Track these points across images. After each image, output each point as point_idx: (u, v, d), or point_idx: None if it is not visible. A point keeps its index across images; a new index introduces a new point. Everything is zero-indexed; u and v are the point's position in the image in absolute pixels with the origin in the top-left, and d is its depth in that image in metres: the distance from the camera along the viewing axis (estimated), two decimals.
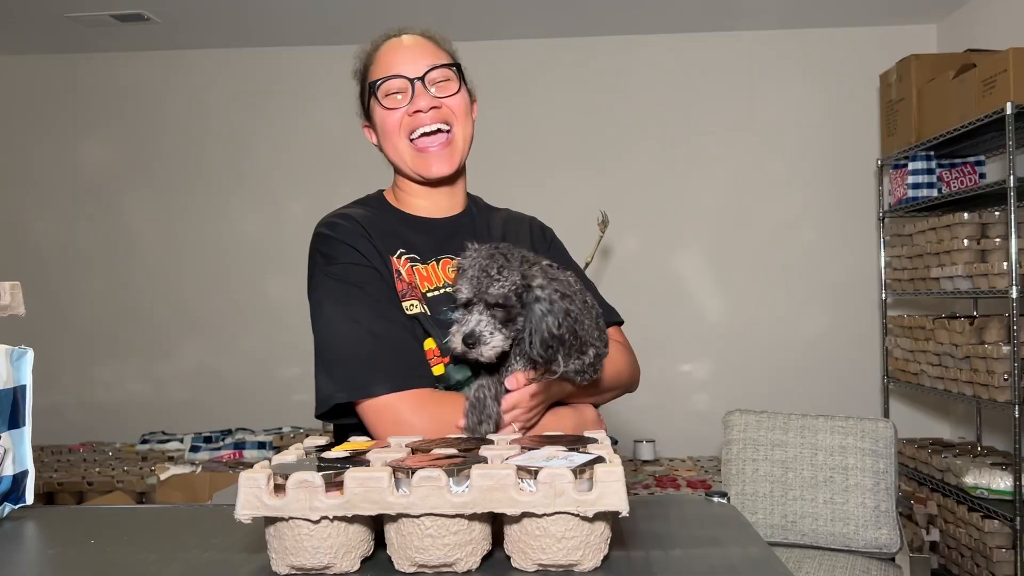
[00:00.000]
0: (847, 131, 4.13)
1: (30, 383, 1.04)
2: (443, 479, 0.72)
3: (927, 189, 3.43)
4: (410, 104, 1.21)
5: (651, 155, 4.23)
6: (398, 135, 1.23)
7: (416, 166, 1.24)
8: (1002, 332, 2.91)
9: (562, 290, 1.06)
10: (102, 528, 0.94)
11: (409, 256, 1.22)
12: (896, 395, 4.01)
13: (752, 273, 4.18)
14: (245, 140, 4.36)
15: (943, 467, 3.20)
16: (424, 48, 1.25)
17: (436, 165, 1.23)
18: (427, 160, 1.23)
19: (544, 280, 1.06)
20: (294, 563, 0.74)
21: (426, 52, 1.25)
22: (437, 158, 1.23)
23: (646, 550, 0.80)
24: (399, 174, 1.30)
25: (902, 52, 3.62)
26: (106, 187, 4.44)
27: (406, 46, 1.25)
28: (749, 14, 3.96)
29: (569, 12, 3.90)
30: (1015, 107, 2.77)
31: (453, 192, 1.31)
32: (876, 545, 2.36)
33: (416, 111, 1.21)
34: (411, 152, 1.23)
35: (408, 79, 1.22)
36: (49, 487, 3.58)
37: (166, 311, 4.39)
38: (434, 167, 1.23)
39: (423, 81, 1.22)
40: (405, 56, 1.24)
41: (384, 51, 1.26)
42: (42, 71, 4.44)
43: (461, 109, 1.25)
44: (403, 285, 1.19)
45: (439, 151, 1.23)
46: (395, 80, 1.22)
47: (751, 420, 2.57)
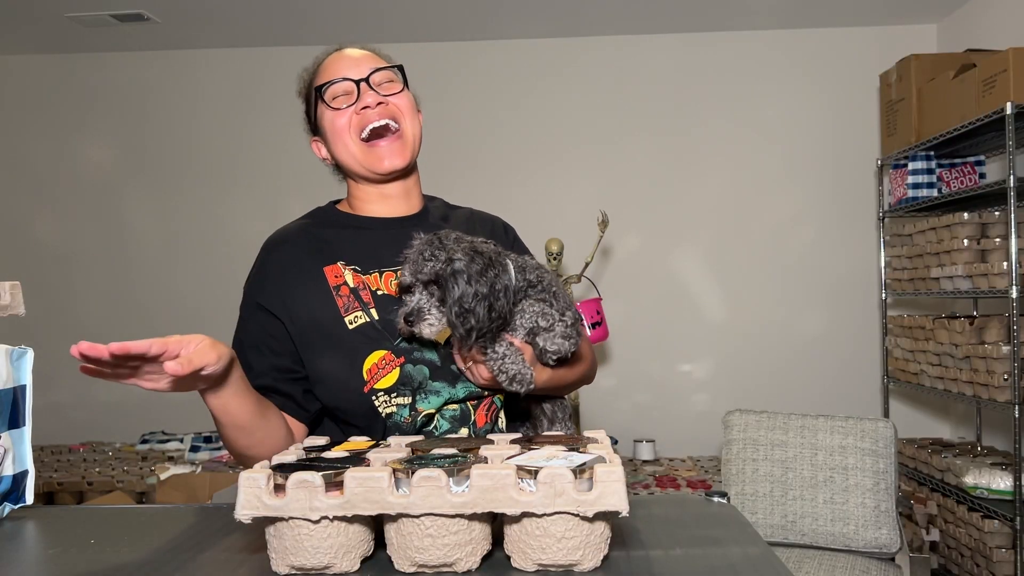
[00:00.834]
0: (847, 131, 4.13)
1: (30, 383, 1.04)
2: (443, 479, 0.72)
3: (927, 189, 3.43)
4: (357, 102, 1.24)
5: (651, 155, 4.23)
6: (348, 134, 1.25)
7: (367, 162, 1.26)
8: (1002, 332, 2.91)
9: (486, 263, 1.11)
10: (102, 528, 0.94)
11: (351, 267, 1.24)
12: (896, 395, 4.02)
13: (752, 273, 4.18)
14: (245, 140, 4.37)
15: (943, 467, 3.20)
16: (366, 57, 1.29)
17: (388, 159, 1.25)
18: (378, 154, 1.25)
19: (464, 255, 1.10)
20: (294, 563, 0.74)
21: (368, 59, 1.28)
22: (388, 151, 1.25)
23: (646, 550, 0.80)
24: (351, 178, 1.32)
25: (902, 52, 3.62)
26: (106, 187, 4.44)
27: (348, 55, 1.28)
28: (749, 14, 3.96)
29: (569, 12, 3.90)
30: (1015, 107, 2.76)
31: (408, 192, 1.33)
32: (876, 545, 2.36)
33: (364, 107, 1.24)
34: (362, 149, 1.25)
35: (353, 80, 1.24)
36: (49, 487, 3.58)
37: (166, 311, 4.39)
38: (386, 161, 1.25)
39: (367, 82, 1.24)
40: (349, 63, 1.27)
41: (327, 63, 1.29)
42: (42, 71, 4.44)
43: (408, 107, 1.27)
44: (343, 300, 1.21)
45: (390, 144, 1.25)
46: (341, 83, 1.25)
47: (751, 420, 2.57)
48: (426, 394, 1.18)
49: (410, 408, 1.17)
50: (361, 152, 1.25)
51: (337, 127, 1.25)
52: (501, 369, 1.12)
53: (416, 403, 1.18)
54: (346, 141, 1.25)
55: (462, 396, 1.20)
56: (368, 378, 1.17)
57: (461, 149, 4.19)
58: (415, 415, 1.17)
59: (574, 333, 1.18)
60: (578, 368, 1.30)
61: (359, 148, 1.25)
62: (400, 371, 1.18)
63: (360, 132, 1.24)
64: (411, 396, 1.17)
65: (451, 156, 4.13)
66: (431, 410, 1.18)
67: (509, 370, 1.12)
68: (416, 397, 1.18)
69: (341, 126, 1.24)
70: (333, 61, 1.28)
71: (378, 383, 1.17)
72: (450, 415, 1.20)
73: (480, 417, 1.23)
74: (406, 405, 1.17)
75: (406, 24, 4.01)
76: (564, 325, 1.17)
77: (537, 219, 4.07)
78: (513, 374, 1.12)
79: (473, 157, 4.21)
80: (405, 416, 1.17)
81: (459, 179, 4.13)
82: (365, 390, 1.17)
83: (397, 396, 1.17)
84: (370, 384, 1.17)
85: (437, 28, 4.10)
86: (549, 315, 1.16)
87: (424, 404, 1.18)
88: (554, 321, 1.16)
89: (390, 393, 1.17)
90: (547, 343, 1.16)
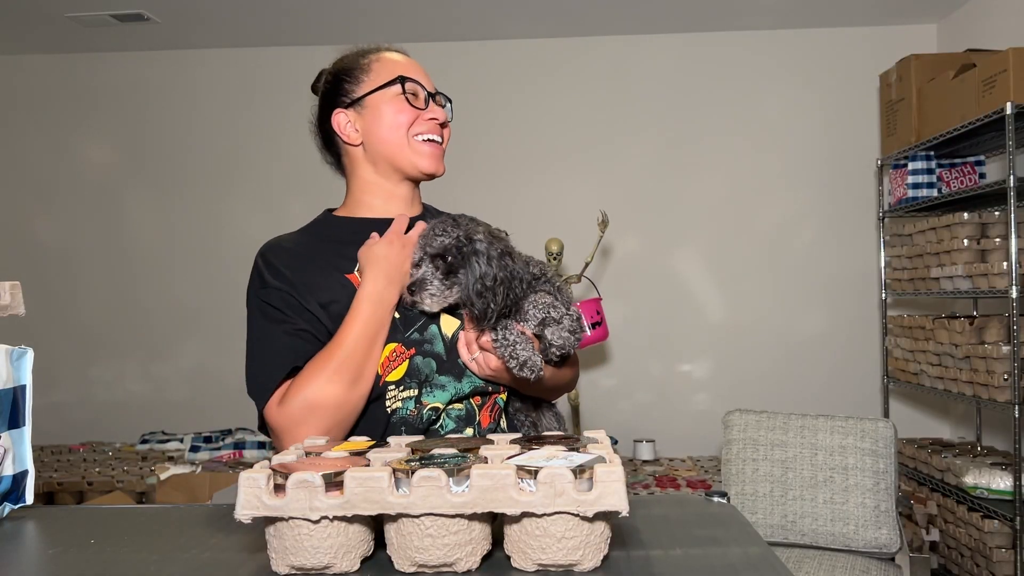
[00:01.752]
0: (847, 131, 4.13)
1: (30, 383, 1.04)
2: (443, 479, 0.72)
3: (927, 189, 3.43)
4: (428, 109, 1.31)
5: (651, 155, 4.23)
6: (407, 129, 1.30)
7: (412, 155, 1.31)
8: (1002, 332, 2.91)
9: (504, 249, 1.16)
10: (102, 528, 0.94)
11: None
12: (896, 395, 4.02)
13: (752, 273, 4.18)
14: (245, 140, 4.37)
15: (943, 467, 3.20)
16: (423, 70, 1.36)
17: (431, 161, 1.32)
18: (423, 155, 1.31)
19: (485, 237, 1.15)
20: (294, 563, 0.74)
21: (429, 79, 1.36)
22: (432, 157, 1.32)
23: (646, 550, 0.80)
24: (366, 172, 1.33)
25: (902, 52, 3.62)
26: (106, 187, 4.44)
27: (412, 62, 1.36)
28: (749, 14, 3.96)
29: (569, 12, 3.90)
30: (1015, 107, 2.77)
31: (413, 198, 1.37)
32: (876, 545, 2.36)
33: (432, 118, 1.31)
34: (413, 144, 1.31)
35: (430, 93, 1.33)
36: (49, 487, 3.58)
37: (166, 311, 4.39)
38: (429, 162, 1.32)
39: (434, 98, 1.34)
40: (418, 71, 1.34)
41: (393, 58, 1.34)
42: (42, 71, 4.44)
43: (447, 135, 1.38)
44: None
45: (434, 151, 1.33)
46: (422, 87, 1.32)
47: (751, 420, 2.57)
48: (432, 388, 1.19)
49: (416, 401, 1.18)
50: (411, 146, 1.30)
51: (400, 120, 1.29)
52: (512, 355, 1.13)
53: (422, 396, 1.18)
54: (401, 133, 1.30)
55: (467, 391, 1.21)
56: (382, 371, 1.18)
57: (461, 149, 4.16)
58: (420, 408, 1.18)
59: (578, 328, 1.21)
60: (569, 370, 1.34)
61: (410, 142, 1.30)
62: (409, 363, 1.19)
63: (418, 134, 1.31)
64: (417, 389, 1.18)
65: (451, 156, 4.10)
66: (436, 404, 1.19)
67: (520, 356, 1.13)
68: (422, 390, 1.18)
69: (405, 121, 1.29)
70: (406, 61, 1.34)
71: (389, 376, 1.18)
72: (455, 414, 1.21)
73: (484, 417, 1.24)
74: (412, 398, 1.18)
75: (406, 24, 4.01)
76: (571, 319, 1.19)
77: (537, 219, 4.07)
78: (524, 359, 1.13)
79: (473, 157, 4.21)
80: (411, 409, 1.18)
81: (459, 179, 4.11)
82: (380, 383, 1.18)
83: (404, 390, 1.18)
84: (384, 377, 1.18)
85: (437, 28, 4.10)
86: (559, 308, 1.18)
87: (429, 398, 1.19)
88: (563, 314, 1.18)
89: (399, 386, 1.18)
90: (554, 336, 1.18)
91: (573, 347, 1.20)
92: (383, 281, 1.18)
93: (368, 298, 1.17)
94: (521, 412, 1.30)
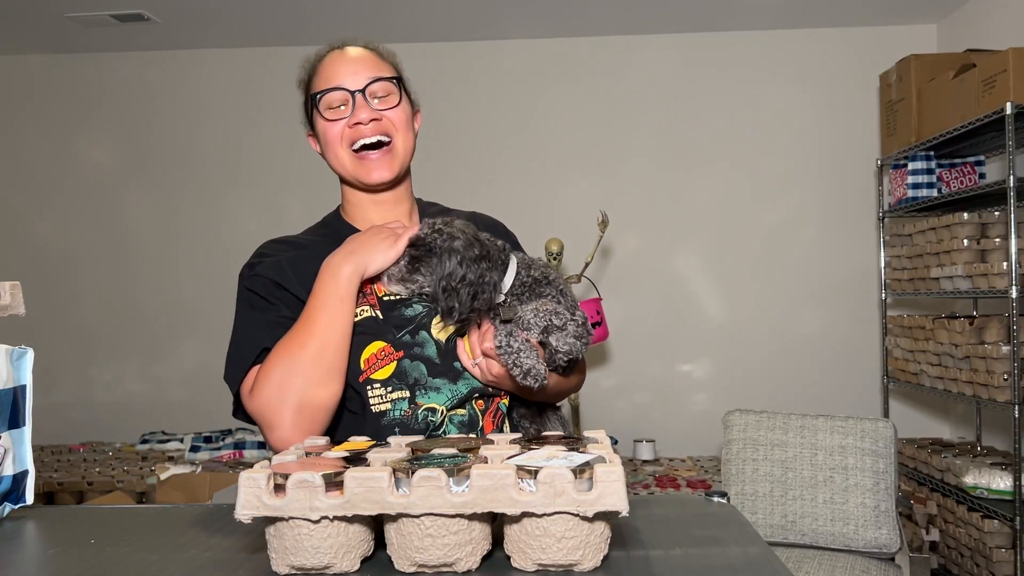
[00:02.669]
0: (847, 131, 4.13)
1: (30, 383, 1.04)
2: (443, 479, 0.72)
3: (927, 189, 3.43)
4: (351, 116, 1.24)
5: (651, 155, 4.23)
6: (339, 145, 1.26)
7: (356, 172, 1.27)
8: (1002, 332, 2.91)
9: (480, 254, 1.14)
10: (102, 528, 0.94)
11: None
12: (896, 395, 4.02)
13: (752, 273, 4.18)
14: (244, 140, 4.37)
15: (943, 467, 3.20)
16: (366, 61, 1.27)
17: (376, 172, 1.26)
18: (367, 167, 1.26)
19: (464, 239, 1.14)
20: (294, 563, 0.74)
21: (368, 64, 1.26)
22: (377, 165, 1.26)
23: (646, 550, 0.81)
24: (343, 184, 1.34)
25: (902, 52, 3.62)
26: (106, 187, 4.44)
27: (348, 58, 1.27)
28: (749, 14, 3.96)
29: (569, 12, 3.90)
30: (1015, 107, 2.77)
31: (399, 199, 1.34)
32: (876, 545, 2.36)
33: (356, 123, 1.24)
34: (352, 160, 1.26)
35: (349, 91, 1.24)
36: (49, 487, 3.58)
37: (166, 311, 4.39)
38: (374, 173, 1.26)
39: (363, 93, 1.24)
40: (347, 68, 1.25)
41: (327, 63, 1.28)
42: (42, 71, 4.44)
43: (402, 121, 1.27)
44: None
45: (379, 158, 1.26)
46: (336, 92, 1.24)
47: (751, 420, 2.57)
48: (426, 390, 1.18)
49: (409, 402, 1.18)
50: (351, 162, 1.26)
51: (329, 137, 1.26)
52: (516, 363, 1.12)
53: (416, 397, 1.18)
54: (337, 151, 1.26)
55: (465, 392, 1.20)
56: (364, 367, 1.18)
57: (461, 149, 4.19)
58: (415, 408, 1.17)
59: (585, 332, 1.18)
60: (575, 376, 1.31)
61: (349, 158, 1.26)
62: (396, 365, 1.18)
63: (351, 144, 1.25)
64: (409, 391, 1.18)
65: (451, 156, 4.13)
66: (432, 404, 1.18)
67: (524, 364, 1.11)
68: (415, 392, 1.18)
69: (334, 136, 1.25)
70: (333, 62, 1.27)
71: (374, 374, 1.18)
72: (458, 420, 1.20)
73: (488, 423, 1.23)
74: (404, 399, 1.17)
75: (406, 24, 4.01)
76: (576, 324, 1.16)
77: (537, 219, 4.07)
78: (527, 368, 1.11)
79: (473, 157, 4.21)
80: (404, 409, 1.17)
81: (459, 179, 4.14)
82: (360, 379, 1.17)
83: (392, 391, 1.17)
84: (366, 374, 1.17)
85: (438, 28, 4.10)
86: (562, 314, 1.16)
87: (424, 399, 1.18)
88: (567, 320, 1.16)
89: (385, 386, 1.17)
90: (559, 343, 1.15)
91: (581, 352, 1.18)
92: (342, 253, 1.17)
93: (326, 266, 1.17)
94: (526, 419, 1.28)
